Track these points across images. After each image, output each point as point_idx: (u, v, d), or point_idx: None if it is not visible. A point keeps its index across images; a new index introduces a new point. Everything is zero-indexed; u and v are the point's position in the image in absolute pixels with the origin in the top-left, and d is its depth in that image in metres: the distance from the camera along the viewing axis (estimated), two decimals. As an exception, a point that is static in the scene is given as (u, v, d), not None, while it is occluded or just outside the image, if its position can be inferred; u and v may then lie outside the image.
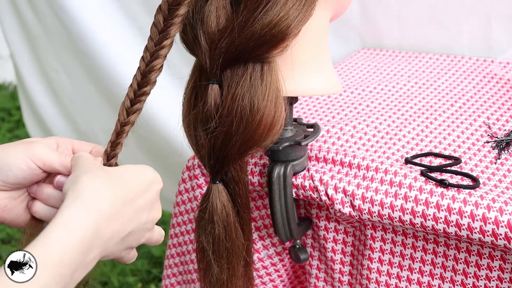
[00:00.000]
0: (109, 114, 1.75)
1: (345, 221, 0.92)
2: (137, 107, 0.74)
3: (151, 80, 0.73)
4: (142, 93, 0.73)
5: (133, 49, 1.59)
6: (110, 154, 0.75)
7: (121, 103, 0.75)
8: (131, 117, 0.74)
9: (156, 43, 0.72)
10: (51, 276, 0.57)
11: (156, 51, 0.72)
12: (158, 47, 0.72)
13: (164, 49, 0.72)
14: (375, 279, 0.91)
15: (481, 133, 0.99)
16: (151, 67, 0.72)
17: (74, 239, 0.58)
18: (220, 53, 0.74)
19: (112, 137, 0.75)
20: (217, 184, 0.82)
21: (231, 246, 0.83)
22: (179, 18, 0.71)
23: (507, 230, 0.77)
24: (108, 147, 0.75)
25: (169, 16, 0.71)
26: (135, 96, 0.73)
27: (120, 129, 0.74)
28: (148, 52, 0.72)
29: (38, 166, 0.70)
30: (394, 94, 1.14)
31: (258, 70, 0.75)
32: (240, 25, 0.72)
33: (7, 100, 2.86)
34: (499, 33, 1.27)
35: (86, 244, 0.59)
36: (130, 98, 0.74)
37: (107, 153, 0.75)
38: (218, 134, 0.77)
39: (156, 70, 0.73)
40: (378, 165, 0.88)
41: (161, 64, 0.73)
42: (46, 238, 0.58)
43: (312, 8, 0.75)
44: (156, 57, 0.72)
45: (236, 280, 0.85)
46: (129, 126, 0.74)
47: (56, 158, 0.70)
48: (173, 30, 0.72)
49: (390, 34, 1.38)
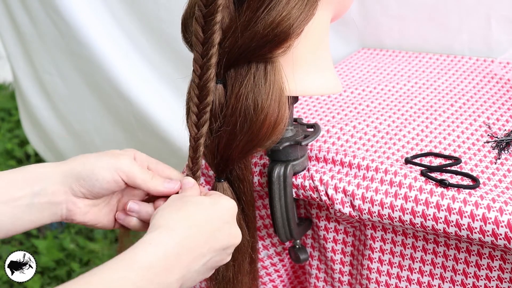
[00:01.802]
0: (104, 116, 1.75)
1: (345, 221, 0.92)
2: (204, 119, 0.77)
3: (210, 91, 0.75)
4: (205, 105, 0.76)
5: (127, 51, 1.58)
6: (193, 169, 0.79)
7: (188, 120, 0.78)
8: (202, 130, 0.77)
9: (202, 55, 0.74)
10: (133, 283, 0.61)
11: (205, 63, 0.74)
12: (206, 59, 0.74)
13: (212, 59, 0.74)
14: (375, 279, 0.91)
15: (481, 133, 0.99)
16: (206, 79, 0.75)
17: (155, 254, 0.63)
18: (224, 53, 0.74)
19: (190, 152, 0.79)
20: (222, 183, 0.82)
21: None
22: (218, 25, 0.73)
23: (507, 230, 0.77)
24: (189, 162, 0.79)
25: (206, 26, 0.73)
26: (199, 110, 0.76)
27: (195, 143, 0.78)
28: (198, 65, 0.75)
29: (122, 179, 0.74)
30: (394, 94, 1.14)
31: (262, 70, 0.75)
32: (243, 25, 0.72)
33: (7, 100, 2.86)
34: (499, 33, 1.27)
35: (167, 263, 0.64)
36: (195, 113, 0.77)
37: (190, 167, 0.80)
38: (222, 134, 0.77)
39: (211, 80, 0.75)
40: (378, 165, 0.88)
41: (213, 73, 0.75)
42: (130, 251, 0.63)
43: (314, 8, 0.75)
44: (207, 69, 0.74)
45: (242, 277, 0.86)
46: (203, 138, 0.78)
47: (139, 173, 0.75)
48: (215, 38, 0.73)
49: (390, 34, 1.38)
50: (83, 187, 0.74)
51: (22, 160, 2.56)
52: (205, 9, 0.71)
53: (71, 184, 0.73)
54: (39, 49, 1.75)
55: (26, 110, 2.00)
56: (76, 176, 0.73)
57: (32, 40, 1.74)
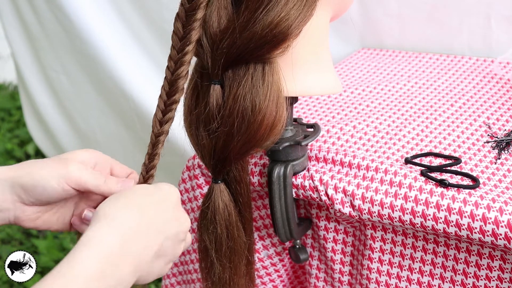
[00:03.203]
0: (108, 114, 1.76)
1: (345, 221, 0.92)
2: (169, 116, 0.75)
3: (179, 88, 0.74)
4: (172, 101, 0.75)
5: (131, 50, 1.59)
6: (148, 166, 0.77)
7: (153, 115, 0.76)
8: (164, 127, 0.76)
9: (178, 50, 0.73)
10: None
11: (179, 59, 0.73)
12: (181, 54, 0.73)
13: (187, 55, 0.73)
14: (375, 279, 0.91)
15: (481, 133, 0.98)
16: (177, 75, 0.74)
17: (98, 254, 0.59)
18: (222, 54, 0.74)
19: (148, 149, 0.77)
20: (219, 184, 0.82)
21: (233, 245, 0.84)
22: (198, 23, 0.73)
23: (507, 230, 0.77)
24: (146, 159, 0.77)
25: (187, 22, 0.72)
26: (166, 106, 0.75)
27: (155, 139, 0.76)
28: (172, 61, 0.74)
29: (72, 187, 0.71)
30: (394, 94, 1.14)
31: (260, 71, 0.75)
32: (241, 26, 0.72)
33: (7, 100, 2.86)
34: (499, 33, 1.27)
35: (113, 259, 0.60)
36: (161, 109, 0.75)
37: (145, 165, 0.77)
38: (220, 134, 0.77)
39: (182, 77, 0.74)
40: (378, 165, 0.88)
41: (186, 70, 0.74)
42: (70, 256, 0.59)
43: (313, 9, 0.75)
44: (180, 65, 0.73)
45: (238, 279, 0.86)
46: (163, 135, 0.76)
47: (91, 180, 0.71)
48: (194, 35, 0.73)
49: (390, 34, 1.38)
50: (31, 196, 0.70)
51: (22, 160, 2.56)
52: (188, 5, 0.72)
53: (19, 193, 0.70)
54: (45, 47, 1.76)
55: (31, 108, 2.01)
56: (22, 186, 0.70)
57: (39, 38, 1.75)
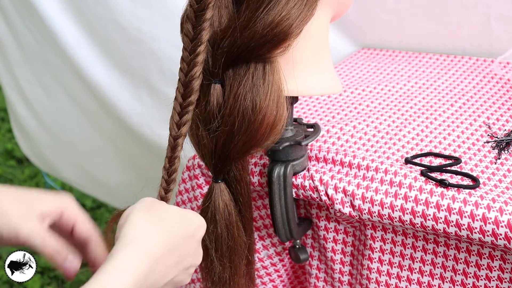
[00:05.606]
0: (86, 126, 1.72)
1: (345, 221, 0.92)
2: (186, 118, 0.75)
3: (194, 89, 0.74)
4: (188, 103, 0.75)
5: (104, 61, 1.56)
6: (170, 170, 0.76)
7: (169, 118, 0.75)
8: (182, 129, 0.75)
9: (190, 51, 0.73)
10: None
11: (192, 60, 0.73)
12: (193, 55, 0.73)
13: (199, 56, 0.73)
14: (375, 279, 0.91)
15: (481, 133, 0.98)
16: (191, 76, 0.73)
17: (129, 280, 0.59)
18: (223, 53, 0.74)
19: (167, 152, 0.76)
20: (219, 183, 0.82)
21: (233, 244, 0.84)
22: (207, 23, 0.72)
23: (507, 230, 0.77)
24: (166, 163, 0.76)
25: (197, 22, 0.72)
26: (182, 108, 0.75)
27: (174, 142, 0.76)
28: (185, 62, 0.73)
29: (17, 241, 0.65)
30: (394, 94, 1.14)
31: (260, 70, 0.75)
32: (242, 25, 0.72)
33: (7, 100, 2.86)
34: (499, 33, 1.27)
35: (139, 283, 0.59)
36: (177, 112, 0.75)
37: (166, 168, 0.76)
38: (220, 134, 0.77)
39: (196, 78, 0.74)
40: (378, 165, 0.88)
41: (199, 71, 0.73)
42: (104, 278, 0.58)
43: (313, 8, 0.75)
44: (193, 66, 0.73)
45: (238, 278, 0.86)
46: (182, 138, 0.76)
47: (39, 244, 0.65)
48: (204, 35, 0.73)
49: (390, 34, 1.38)
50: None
51: (22, 160, 2.56)
52: (196, 5, 0.72)
53: None
54: (18, 59, 1.71)
55: (14, 118, 1.98)
56: None
57: (12, 50, 1.71)
